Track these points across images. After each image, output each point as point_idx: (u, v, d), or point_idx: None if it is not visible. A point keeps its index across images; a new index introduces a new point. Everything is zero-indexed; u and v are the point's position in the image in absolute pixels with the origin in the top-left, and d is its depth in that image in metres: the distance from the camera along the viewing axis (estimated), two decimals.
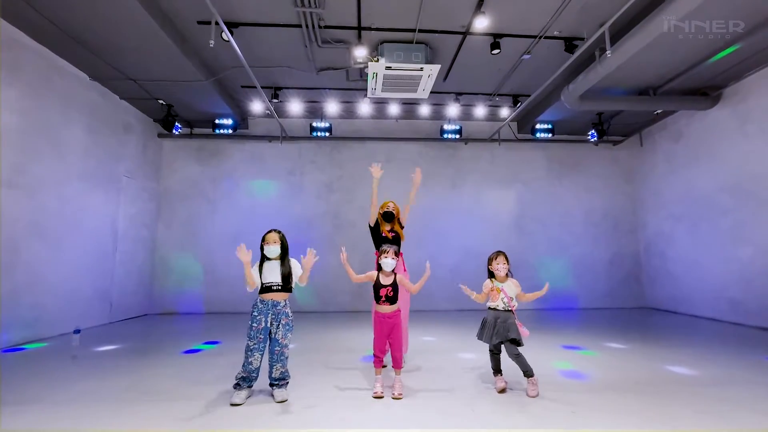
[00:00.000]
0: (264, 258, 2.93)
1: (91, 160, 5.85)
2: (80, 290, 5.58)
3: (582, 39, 5.11)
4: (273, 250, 2.90)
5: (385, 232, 3.79)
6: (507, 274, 3.03)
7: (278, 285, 2.87)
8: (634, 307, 7.97)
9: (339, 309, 7.55)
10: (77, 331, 4.68)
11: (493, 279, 3.06)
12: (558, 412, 2.58)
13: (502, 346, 2.98)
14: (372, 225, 3.89)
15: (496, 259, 3.04)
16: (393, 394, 2.84)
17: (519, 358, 2.91)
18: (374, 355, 2.96)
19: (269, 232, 2.97)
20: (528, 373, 2.89)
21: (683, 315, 6.94)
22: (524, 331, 2.89)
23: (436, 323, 6.12)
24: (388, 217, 3.82)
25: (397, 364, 2.95)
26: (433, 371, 3.53)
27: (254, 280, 2.86)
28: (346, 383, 3.17)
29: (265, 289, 2.86)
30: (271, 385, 2.84)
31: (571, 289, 7.99)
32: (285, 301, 2.92)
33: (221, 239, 7.65)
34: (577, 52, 4.90)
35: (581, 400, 2.79)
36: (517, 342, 2.90)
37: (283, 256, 2.95)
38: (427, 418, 2.50)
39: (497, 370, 3.03)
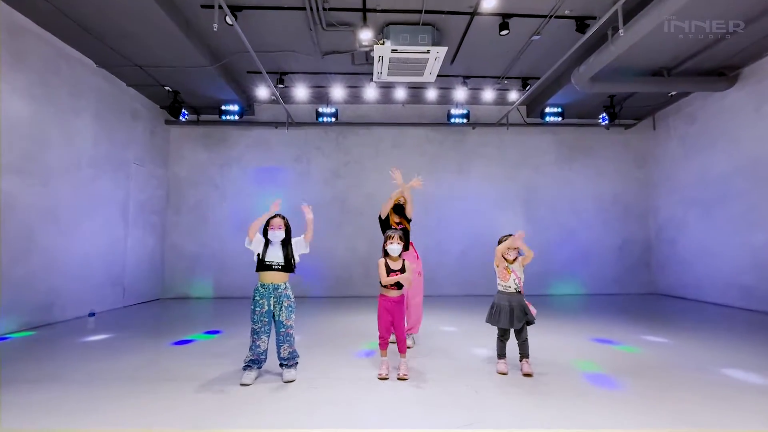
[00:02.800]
0: (267, 241, 2.96)
1: (101, 147, 5.91)
2: (93, 275, 5.72)
3: (594, 18, 4.95)
4: (278, 235, 2.94)
5: (394, 224, 3.96)
6: (515, 258, 3.04)
7: (279, 265, 2.90)
8: (642, 293, 7.91)
9: (346, 294, 7.63)
10: (92, 314, 4.84)
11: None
12: (564, 393, 2.60)
13: (511, 332, 3.03)
14: (383, 218, 4.01)
15: (506, 241, 3.05)
16: (398, 374, 2.88)
17: (526, 343, 3.01)
18: (380, 336, 3.00)
19: (274, 216, 3.00)
20: (525, 355, 3.02)
21: (692, 301, 6.87)
22: (532, 310, 2.97)
23: (444, 309, 6.14)
24: (399, 210, 4.01)
25: (402, 349, 2.99)
26: (439, 355, 3.56)
27: (256, 236, 2.93)
28: (352, 366, 3.22)
29: (266, 267, 2.89)
30: (281, 365, 2.91)
31: (579, 274, 7.95)
32: (285, 283, 2.95)
33: (230, 225, 7.73)
34: (589, 32, 4.75)
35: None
36: (530, 323, 3.00)
37: (286, 241, 2.99)
38: (432, 398, 2.54)
39: (502, 354, 3.06)
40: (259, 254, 2.92)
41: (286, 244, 2.99)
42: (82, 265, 5.49)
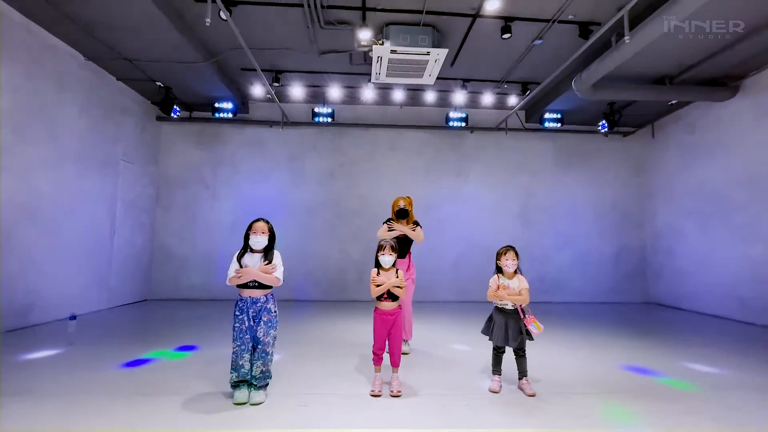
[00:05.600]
0: (247, 248, 2.70)
1: (87, 143, 5.70)
2: (77, 276, 5.50)
3: (598, 24, 4.86)
4: (260, 241, 2.66)
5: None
6: (516, 271, 2.90)
7: (255, 282, 2.63)
8: (638, 303, 7.85)
9: (340, 299, 7.48)
10: (73, 317, 4.61)
11: (500, 275, 2.93)
12: (562, 412, 2.47)
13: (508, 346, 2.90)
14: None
15: (505, 254, 2.90)
16: (391, 391, 2.75)
17: (523, 359, 2.87)
18: (374, 353, 2.85)
19: (257, 220, 2.71)
20: (524, 373, 2.88)
21: (689, 312, 6.81)
22: (535, 330, 2.78)
23: (438, 316, 6.02)
24: (402, 214, 3.79)
25: (395, 363, 2.85)
26: (432, 368, 3.43)
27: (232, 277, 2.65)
28: (343, 380, 3.07)
29: (242, 285, 2.64)
30: (251, 384, 2.63)
31: (576, 282, 7.86)
32: (266, 296, 2.67)
33: (221, 225, 7.54)
34: (593, 37, 4.65)
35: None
36: (528, 338, 2.85)
37: (268, 249, 2.71)
38: (427, 417, 2.40)
39: (498, 370, 2.94)
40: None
41: (267, 253, 2.69)
42: (64, 266, 5.27)
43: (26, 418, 2.33)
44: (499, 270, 2.94)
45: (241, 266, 2.64)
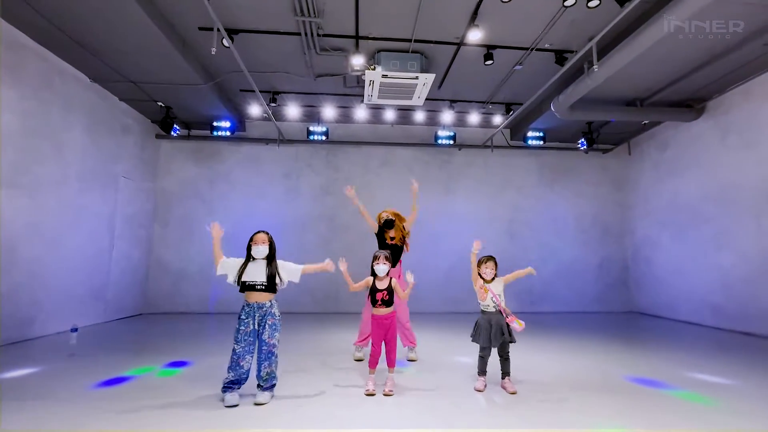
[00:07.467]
0: (249, 258, 2.92)
1: (90, 161, 5.91)
2: (76, 289, 5.64)
3: (572, 52, 5.30)
4: (261, 250, 2.89)
5: (388, 238, 4.10)
6: (494, 277, 3.19)
7: (262, 285, 2.85)
8: (622, 312, 8.16)
9: (333, 310, 7.66)
10: (75, 329, 4.74)
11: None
12: (543, 410, 2.72)
13: (493, 350, 3.14)
14: (376, 232, 4.20)
15: (486, 263, 3.22)
16: (384, 390, 2.97)
17: (507, 361, 3.13)
18: (371, 354, 3.08)
19: (258, 232, 2.97)
20: (507, 373, 3.13)
21: (667, 320, 7.14)
22: (517, 327, 2.99)
23: (430, 325, 6.23)
24: (389, 224, 4.10)
25: (391, 364, 3.08)
26: (423, 370, 3.66)
27: (222, 264, 2.91)
28: (339, 382, 3.29)
29: (249, 287, 2.85)
30: (258, 385, 2.82)
31: (561, 292, 8.17)
32: (270, 301, 2.89)
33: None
34: (567, 65, 5.08)
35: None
36: (511, 341, 3.10)
37: (270, 257, 2.95)
38: (416, 415, 2.62)
39: (483, 371, 3.18)
40: (235, 278, 2.86)
41: (270, 261, 2.93)
42: (65, 279, 5.42)
43: (24, 420, 2.46)
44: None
45: (242, 277, 2.87)
